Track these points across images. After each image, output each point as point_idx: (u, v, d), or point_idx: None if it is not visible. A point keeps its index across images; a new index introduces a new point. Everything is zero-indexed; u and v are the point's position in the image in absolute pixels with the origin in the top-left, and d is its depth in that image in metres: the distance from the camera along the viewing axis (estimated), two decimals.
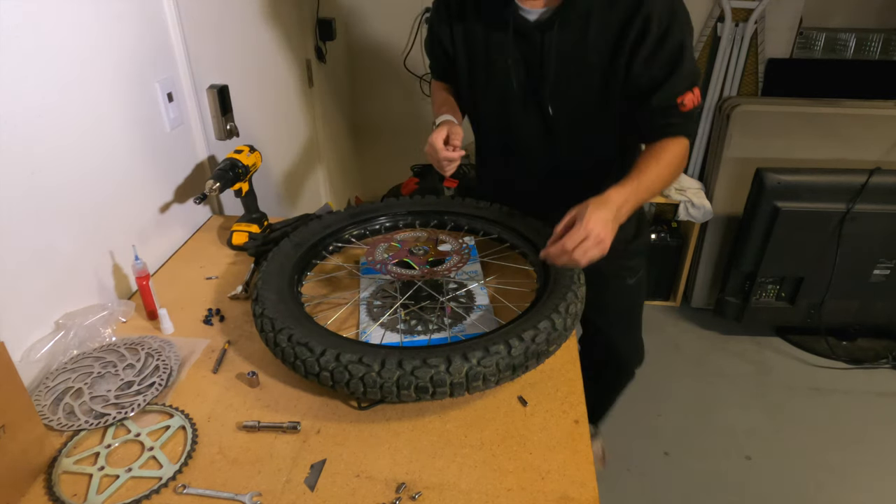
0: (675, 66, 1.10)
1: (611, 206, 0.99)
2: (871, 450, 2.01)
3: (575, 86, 1.17)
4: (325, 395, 0.95)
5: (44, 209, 1.01)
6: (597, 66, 1.14)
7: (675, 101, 1.11)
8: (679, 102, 1.11)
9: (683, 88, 1.11)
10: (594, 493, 0.79)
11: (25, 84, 0.96)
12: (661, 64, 1.10)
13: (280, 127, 2.07)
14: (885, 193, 2.07)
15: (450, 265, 1.09)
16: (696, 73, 1.13)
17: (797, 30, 2.46)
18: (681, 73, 1.10)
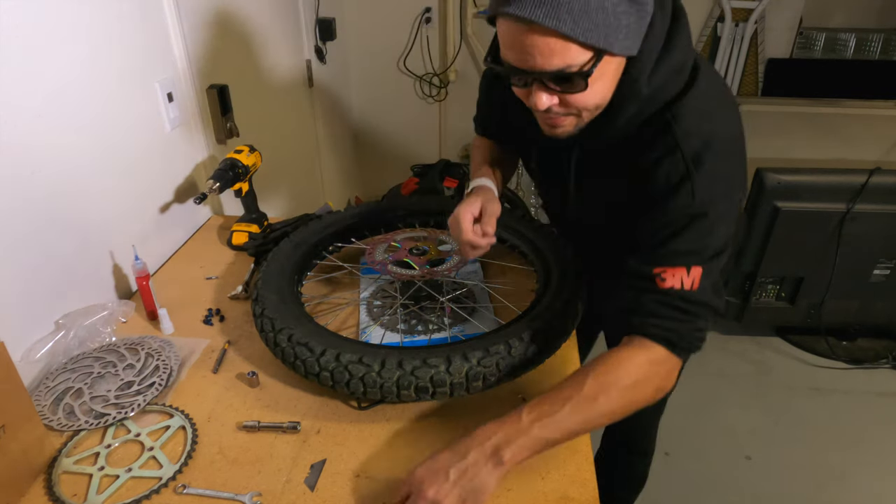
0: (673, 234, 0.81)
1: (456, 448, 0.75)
2: (871, 450, 2.01)
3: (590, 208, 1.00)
4: (325, 395, 0.95)
5: (44, 209, 1.01)
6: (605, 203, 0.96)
7: (650, 271, 0.81)
8: (657, 274, 0.81)
9: (671, 258, 0.81)
10: (594, 493, 0.79)
11: (26, 84, 0.96)
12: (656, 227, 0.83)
13: (280, 127, 2.07)
14: (885, 193, 2.07)
15: (450, 265, 1.09)
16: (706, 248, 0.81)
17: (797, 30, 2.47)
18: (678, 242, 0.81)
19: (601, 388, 0.77)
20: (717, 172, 0.81)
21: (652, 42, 0.76)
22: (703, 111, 0.82)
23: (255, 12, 1.80)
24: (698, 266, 0.81)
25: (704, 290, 0.81)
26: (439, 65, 2.82)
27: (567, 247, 1.12)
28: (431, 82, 2.85)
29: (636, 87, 0.78)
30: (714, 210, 0.80)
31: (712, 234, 0.81)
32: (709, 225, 0.80)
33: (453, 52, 2.75)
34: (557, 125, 0.82)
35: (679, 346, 0.81)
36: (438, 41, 2.77)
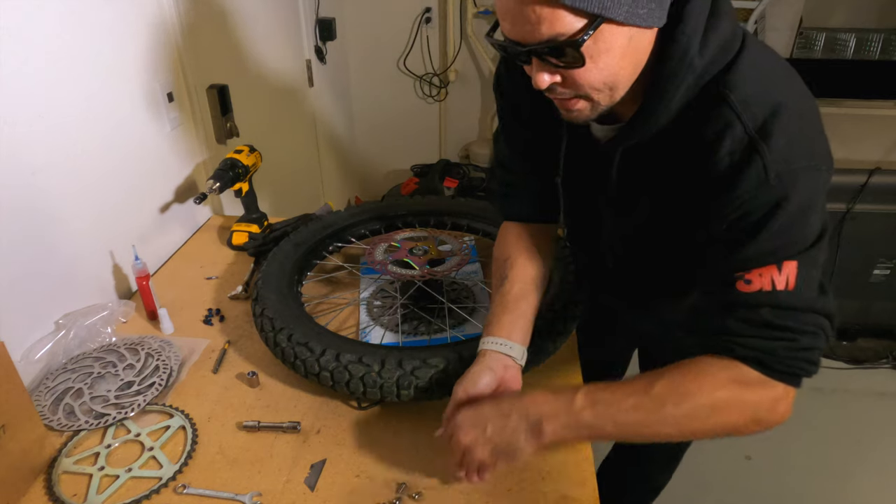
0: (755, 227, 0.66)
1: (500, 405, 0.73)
2: (871, 450, 2.00)
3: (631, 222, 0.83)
4: (325, 395, 0.95)
5: (44, 209, 1.01)
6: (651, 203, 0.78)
7: (731, 276, 0.68)
8: (738, 277, 0.67)
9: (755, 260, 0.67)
10: (594, 493, 0.79)
11: (26, 85, 0.96)
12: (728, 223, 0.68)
13: (280, 127, 2.07)
14: (885, 193, 2.06)
15: (450, 265, 1.09)
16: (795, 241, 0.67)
17: (797, 30, 2.46)
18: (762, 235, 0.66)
19: (673, 395, 0.68)
20: (793, 141, 0.66)
21: (697, 8, 0.65)
22: (762, 77, 0.69)
23: (255, 12, 1.80)
24: (791, 260, 0.66)
25: (801, 291, 0.66)
26: (439, 65, 2.82)
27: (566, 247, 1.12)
28: (431, 82, 2.85)
29: (688, 60, 0.65)
30: (797, 187, 0.65)
31: (803, 219, 0.66)
32: (796, 207, 0.65)
33: (453, 52, 2.75)
34: (570, 108, 0.70)
35: (775, 369, 0.66)
36: (438, 41, 2.77)
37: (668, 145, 0.72)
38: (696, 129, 0.69)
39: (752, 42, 0.71)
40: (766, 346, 0.66)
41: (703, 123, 0.68)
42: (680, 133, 0.70)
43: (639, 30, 0.63)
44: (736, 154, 0.66)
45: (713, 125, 0.67)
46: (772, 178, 0.65)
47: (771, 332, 0.66)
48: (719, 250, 0.69)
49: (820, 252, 0.68)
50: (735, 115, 0.66)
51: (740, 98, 0.67)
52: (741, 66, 0.68)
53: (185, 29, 1.37)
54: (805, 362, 0.67)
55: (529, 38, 0.63)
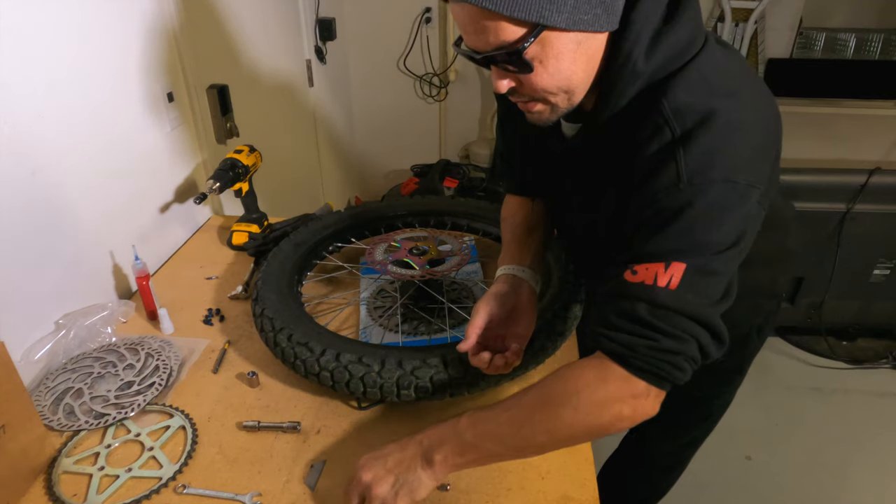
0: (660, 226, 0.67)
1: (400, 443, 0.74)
2: (871, 450, 2.00)
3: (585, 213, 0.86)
4: (325, 395, 0.95)
5: (44, 209, 1.01)
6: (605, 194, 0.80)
7: (624, 267, 0.69)
8: (628, 267, 0.69)
9: (648, 256, 0.68)
10: (594, 493, 0.79)
11: (26, 85, 0.96)
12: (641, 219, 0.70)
13: (280, 127, 2.07)
14: (885, 193, 2.06)
15: (450, 265, 1.09)
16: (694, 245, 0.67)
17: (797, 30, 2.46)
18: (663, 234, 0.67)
19: (540, 402, 0.70)
20: (713, 151, 0.66)
21: (646, 12, 0.65)
22: (704, 85, 0.69)
23: (255, 12, 1.80)
24: (680, 262, 0.66)
25: (681, 294, 0.65)
26: (439, 65, 2.82)
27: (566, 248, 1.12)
28: (431, 82, 2.85)
29: (632, 65, 0.67)
30: (707, 197, 0.65)
31: (707, 227, 0.66)
32: (700, 214, 0.66)
33: (453, 52, 2.75)
34: (530, 111, 0.73)
35: (634, 366, 0.67)
36: (438, 41, 2.77)
37: (612, 142, 0.75)
38: (633, 128, 0.71)
39: (712, 49, 0.71)
40: (630, 342, 0.67)
41: (638, 126, 0.70)
42: (622, 131, 0.72)
43: (587, 34, 0.65)
44: (659, 156, 0.68)
45: (646, 128, 0.69)
46: (682, 184, 0.66)
47: (640, 329, 0.67)
48: (627, 246, 0.71)
49: (724, 263, 0.68)
50: (664, 121, 0.68)
51: (673, 106, 0.68)
52: (686, 73, 0.69)
53: (185, 29, 1.37)
54: (668, 364, 0.67)
55: (482, 46, 0.65)
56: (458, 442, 0.71)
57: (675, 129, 0.67)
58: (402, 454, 0.72)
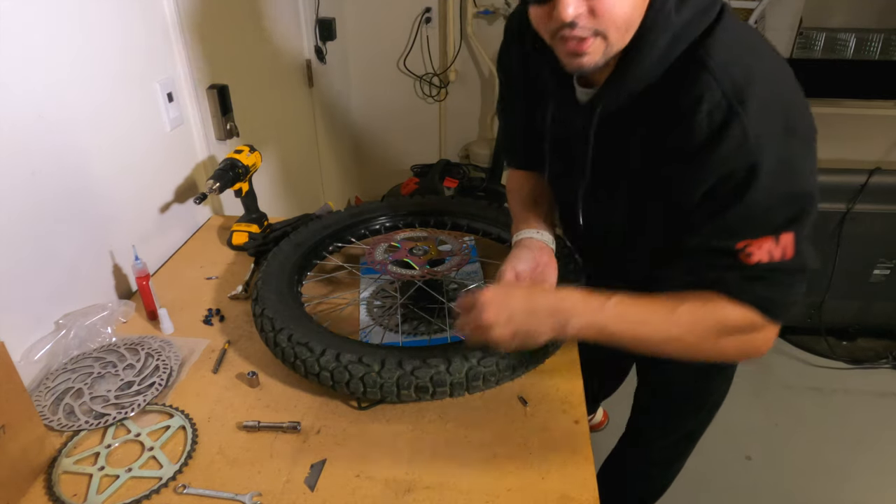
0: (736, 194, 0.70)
1: (533, 299, 0.77)
2: (871, 450, 2.00)
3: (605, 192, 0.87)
4: (325, 395, 0.95)
5: (44, 210, 1.01)
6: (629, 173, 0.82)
7: (733, 247, 0.71)
8: (740, 249, 0.71)
9: (756, 231, 0.70)
10: (594, 493, 0.79)
11: (26, 85, 0.96)
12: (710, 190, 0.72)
13: (280, 127, 2.07)
14: (885, 193, 2.06)
15: (450, 265, 1.09)
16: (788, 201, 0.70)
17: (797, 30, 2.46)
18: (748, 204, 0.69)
19: (691, 328, 0.75)
20: (770, 103, 0.68)
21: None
22: (739, 44, 0.71)
23: (254, 12, 1.80)
24: (788, 232, 0.70)
25: (800, 255, 0.71)
26: (439, 65, 2.82)
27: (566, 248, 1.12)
28: (431, 82, 2.86)
29: (666, 13, 0.68)
30: (782, 149, 0.67)
31: (792, 179, 0.68)
32: (782, 169, 0.67)
33: (453, 52, 2.75)
34: (582, 51, 0.70)
35: (773, 314, 0.75)
36: (438, 41, 2.77)
37: (646, 112, 0.75)
38: (674, 93, 0.71)
39: (729, 11, 0.74)
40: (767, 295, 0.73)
41: (682, 88, 0.70)
42: (659, 99, 0.73)
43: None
44: (715, 119, 0.68)
45: (692, 89, 0.70)
46: (753, 143, 0.67)
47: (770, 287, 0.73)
48: (706, 216, 0.73)
49: (813, 211, 0.71)
50: (713, 80, 0.68)
51: (718, 63, 0.69)
52: (719, 32, 0.70)
53: (185, 29, 1.37)
54: (794, 305, 0.76)
55: None
56: (599, 326, 0.76)
57: (727, 88, 0.68)
58: (531, 316, 0.76)
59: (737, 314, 0.75)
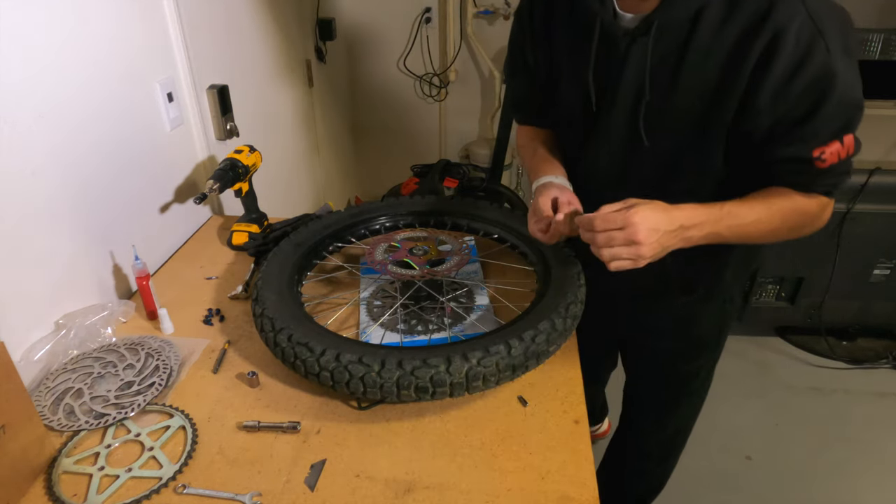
0: (819, 101, 0.80)
1: (672, 216, 0.83)
2: (871, 450, 2.01)
3: (660, 111, 0.92)
4: (325, 395, 0.95)
5: (44, 209, 1.01)
6: (694, 89, 0.87)
7: (811, 155, 0.83)
8: (816, 157, 0.83)
9: (827, 136, 0.82)
10: (594, 493, 0.79)
11: (27, 85, 0.96)
12: (794, 100, 0.81)
13: (280, 127, 2.07)
14: (885, 193, 2.07)
15: (450, 265, 1.09)
16: (850, 108, 0.82)
17: None
18: (824, 112, 0.80)
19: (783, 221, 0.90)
20: (839, 26, 0.80)
21: None
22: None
23: (255, 12, 1.80)
24: (850, 133, 0.83)
25: (853, 154, 0.86)
26: (439, 65, 2.82)
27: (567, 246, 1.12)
28: (431, 82, 2.86)
29: None
30: (846, 65, 0.79)
31: (854, 89, 0.81)
32: (850, 81, 0.80)
33: (453, 52, 2.75)
34: None
35: (835, 194, 0.91)
36: (438, 41, 2.77)
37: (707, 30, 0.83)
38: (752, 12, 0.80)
39: None
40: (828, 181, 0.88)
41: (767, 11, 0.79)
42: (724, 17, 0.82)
43: None
44: (803, 38, 0.78)
45: (782, 10, 0.78)
46: (833, 58, 0.78)
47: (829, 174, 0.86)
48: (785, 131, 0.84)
49: (860, 120, 0.85)
50: (801, 3, 0.78)
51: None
52: None
53: (185, 29, 1.37)
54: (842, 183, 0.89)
55: None
56: (712, 230, 0.86)
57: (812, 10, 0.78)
58: (672, 230, 0.83)
59: (813, 203, 0.90)
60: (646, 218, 0.80)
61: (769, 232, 0.90)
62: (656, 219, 0.81)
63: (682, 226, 0.84)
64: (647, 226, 0.80)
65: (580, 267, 1.06)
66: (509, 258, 1.24)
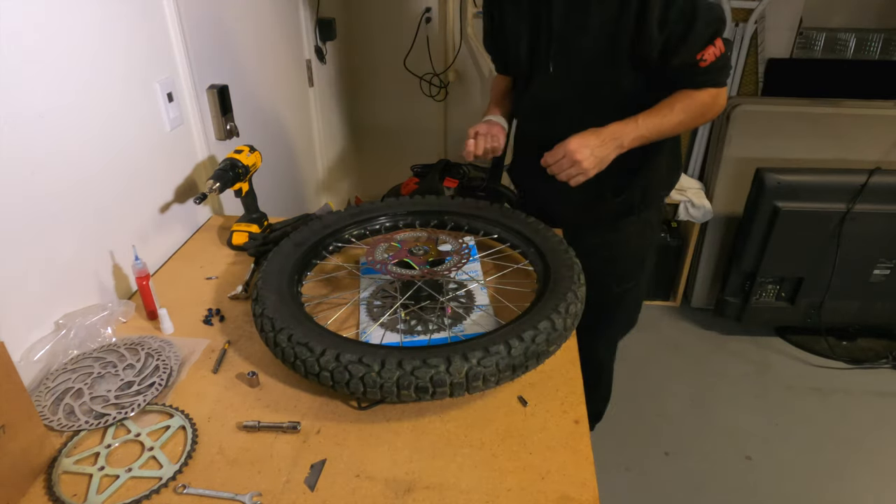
0: (690, 22, 1.11)
1: (600, 134, 1.15)
2: (872, 450, 2.01)
3: (577, 45, 1.22)
4: (325, 395, 0.95)
5: (44, 209, 1.01)
6: (599, 26, 1.17)
7: (695, 59, 1.14)
8: (699, 59, 1.14)
9: (702, 44, 1.13)
10: (594, 493, 0.79)
11: (26, 85, 0.96)
12: (673, 24, 1.11)
13: (280, 127, 2.07)
14: (885, 193, 2.07)
15: (450, 265, 1.09)
16: (715, 22, 1.13)
17: (797, 30, 2.46)
18: (696, 28, 1.11)
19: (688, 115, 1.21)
20: None
21: None
22: None
23: (255, 12, 1.80)
24: (718, 37, 1.14)
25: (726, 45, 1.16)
26: (439, 65, 2.82)
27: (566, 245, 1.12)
28: (432, 82, 2.85)
29: None
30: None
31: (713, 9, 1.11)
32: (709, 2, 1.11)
33: (453, 52, 2.75)
34: None
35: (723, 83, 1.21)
36: (438, 41, 2.77)
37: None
38: None
39: None
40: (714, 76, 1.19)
41: None
42: None
43: None
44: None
45: None
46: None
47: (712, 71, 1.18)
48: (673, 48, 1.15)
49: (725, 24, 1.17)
50: None
51: None
52: None
53: (185, 29, 1.37)
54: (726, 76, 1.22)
55: None
56: (636, 133, 1.18)
57: None
58: (603, 142, 1.16)
59: (705, 95, 1.21)
60: (577, 142, 1.13)
61: (679, 123, 1.20)
62: (585, 140, 1.14)
63: (612, 137, 1.16)
64: (580, 146, 1.13)
65: (580, 267, 1.07)
66: (509, 258, 1.24)
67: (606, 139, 1.15)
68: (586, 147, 1.13)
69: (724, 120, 2.35)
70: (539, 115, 1.42)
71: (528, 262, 1.19)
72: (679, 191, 2.45)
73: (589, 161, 1.14)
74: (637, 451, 2.01)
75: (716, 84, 1.21)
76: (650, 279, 2.69)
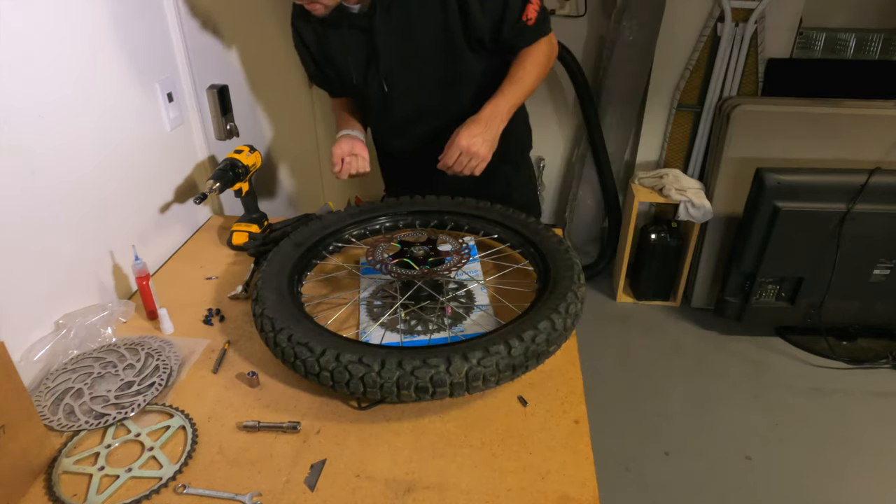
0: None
1: (480, 120, 1.22)
2: (871, 450, 2.01)
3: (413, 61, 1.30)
4: (325, 395, 0.95)
5: (44, 209, 1.01)
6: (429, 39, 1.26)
7: (522, 21, 1.25)
8: (525, 20, 1.24)
9: (520, 7, 1.23)
10: (594, 493, 0.79)
11: (26, 85, 0.96)
12: (492, 3, 1.21)
13: (280, 127, 2.07)
14: (885, 193, 2.06)
15: (450, 265, 1.09)
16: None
17: (797, 30, 2.46)
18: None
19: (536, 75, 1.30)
20: None
21: None
22: None
23: (255, 12, 1.80)
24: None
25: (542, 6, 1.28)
26: None
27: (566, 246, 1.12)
28: None
29: None
30: None
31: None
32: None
33: None
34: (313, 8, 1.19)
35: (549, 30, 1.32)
36: None
37: None
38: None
39: None
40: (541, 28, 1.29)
41: None
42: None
43: None
44: None
45: None
46: None
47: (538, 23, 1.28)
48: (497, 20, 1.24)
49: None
50: None
51: None
52: None
53: (185, 29, 1.37)
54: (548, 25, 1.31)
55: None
56: (507, 103, 1.26)
57: None
58: (488, 126, 1.22)
59: (543, 45, 1.31)
60: (466, 136, 1.20)
61: (536, 77, 1.30)
62: (471, 131, 1.21)
63: (491, 117, 1.23)
64: (470, 138, 1.20)
65: (580, 267, 1.07)
66: (509, 258, 1.24)
67: (488, 121, 1.22)
68: (475, 136, 1.20)
69: (724, 120, 2.35)
70: (398, 132, 1.47)
71: (528, 262, 1.19)
72: (679, 191, 2.45)
73: (483, 148, 1.21)
74: (637, 450, 2.01)
75: (545, 33, 1.31)
76: (650, 279, 2.70)
